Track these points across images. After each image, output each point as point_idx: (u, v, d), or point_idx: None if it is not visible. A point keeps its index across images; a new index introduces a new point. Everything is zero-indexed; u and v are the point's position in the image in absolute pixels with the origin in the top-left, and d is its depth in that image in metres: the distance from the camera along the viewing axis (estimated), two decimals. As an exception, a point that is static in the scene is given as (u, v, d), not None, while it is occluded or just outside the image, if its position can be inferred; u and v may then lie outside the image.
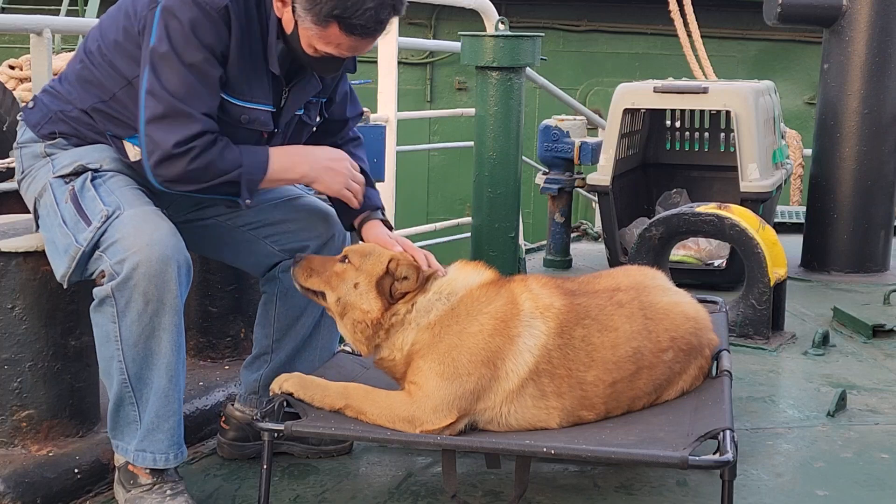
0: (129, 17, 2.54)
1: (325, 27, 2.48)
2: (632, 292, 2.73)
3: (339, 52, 2.56)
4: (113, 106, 2.59)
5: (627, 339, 2.64)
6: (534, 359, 2.54)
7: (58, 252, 2.50)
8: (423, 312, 2.58)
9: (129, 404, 2.48)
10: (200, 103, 2.47)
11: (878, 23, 5.37)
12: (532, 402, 2.53)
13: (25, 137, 2.66)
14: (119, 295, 2.40)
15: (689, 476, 2.80)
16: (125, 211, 2.46)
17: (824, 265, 5.54)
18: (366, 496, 2.72)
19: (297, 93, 2.71)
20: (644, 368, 2.64)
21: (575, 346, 2.59)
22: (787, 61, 11.99)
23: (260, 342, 2.92)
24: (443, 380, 2.49)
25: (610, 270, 2.97)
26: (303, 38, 2.54)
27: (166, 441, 2.50)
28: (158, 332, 2.43)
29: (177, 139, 2.43)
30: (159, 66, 2.44)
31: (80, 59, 2.64)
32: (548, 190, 5.73)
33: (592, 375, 2.58)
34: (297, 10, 2.49)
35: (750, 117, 5.04)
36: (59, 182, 2.55)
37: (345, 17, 2.45)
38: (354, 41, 2.52)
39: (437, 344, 2.53)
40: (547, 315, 2.59)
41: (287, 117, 2.72)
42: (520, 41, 3.72)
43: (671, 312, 2.74)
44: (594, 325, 2.62)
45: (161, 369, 2.46)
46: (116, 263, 2.39)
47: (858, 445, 3.11)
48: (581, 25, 12.45)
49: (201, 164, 2.45)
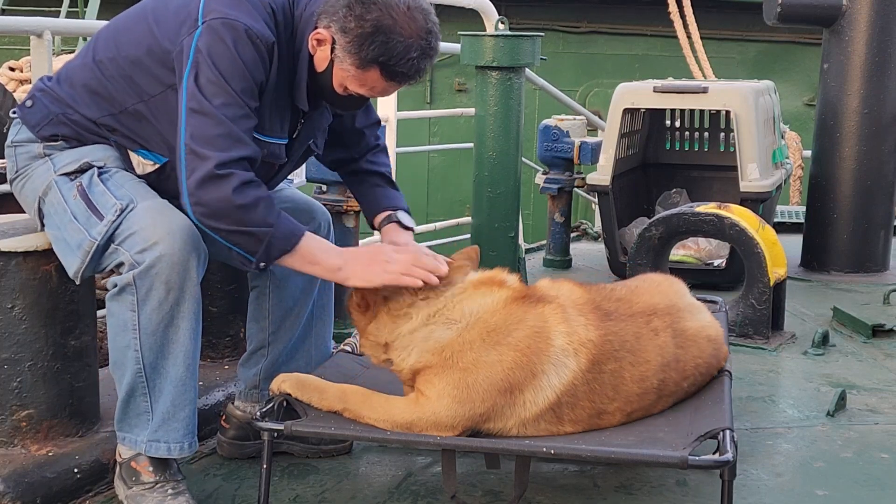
0: (156, 36, 2.50)
1: (366, 70, 2.48)
2: (667, 318, 2.64)
3: (370, 94, 2.57)
4: (122, 120, 2.57)
5: (656, 371, 2.57)
6: (556, 395, 2.46)
7: (69, 248, 2.49)
8: (420, 339, 2.50)
9: (142, 395, 2.48)
10: (246, 130, 2.44)
11: (878, 23, 5.37)
12: (546, 426, 2.48)
13: (21, 137, 2.63)
14: (141, 283, 2.39)
15: (689, 476, 2.80)
16: (139, 203, 2.46)
17: (824, 265, 5.54)
18: (365, 496, 2.72)
19: (311, 125, 2.72)
20: (664, 397, 2.62)
21: (603, 381, 2.50)
22: (786, 63, 11.99)
23: (256, 336, 2.91)
24: (454, 402, 2.43)
25: (643, 284, 2.81)
26: (335, 78, 2.53)
27: (182, 430, 2.50)
28: (177, 320, 2.43)
29: (222, 158, 2.36)
30: (207, 89, 2.39)
31: (88, 69, 2.59)
32: (547, 190, 5.73)
33: (614, 407, 2.53)
34: (337, 51, 2.48)
35: (750, 117, 5.04)
36: (64, 179, 2.54)
37: (389, 63, 2.46)
38: (391, 86, 2.54)
39: (451, 368, 2.45)
40: (580, 351, 2.48)
41: (299, 149, 2.73)
42: (520, 41, 3.72)
43: (698, 338, 2.70)
44: (628, 358, 2.54)
45: (178, 357, 2.46)
46: (138, 253, 2.39)
47: (858, 445, 3.11)
48: (581, 26, 12.46)
49: (243, 200, 2.37)
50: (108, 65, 2.56)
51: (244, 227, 2.40)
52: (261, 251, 2.42)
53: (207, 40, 2.41)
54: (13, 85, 7.02)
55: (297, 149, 2.72)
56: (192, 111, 2.39)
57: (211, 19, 2.43)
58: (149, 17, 2.55)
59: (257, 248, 2.42)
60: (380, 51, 2.44)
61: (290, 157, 2.72)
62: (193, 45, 2.41)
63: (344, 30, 2.46)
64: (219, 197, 2.37)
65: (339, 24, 2.47)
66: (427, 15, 2.50)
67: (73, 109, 2.59)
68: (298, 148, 2.73)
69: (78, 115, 2.59)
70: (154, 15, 2.54)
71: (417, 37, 2.47)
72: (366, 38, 2.44)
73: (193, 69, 2.41)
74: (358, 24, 2.44)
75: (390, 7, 2.45)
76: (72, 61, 2.69)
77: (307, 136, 2.74)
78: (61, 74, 2.65)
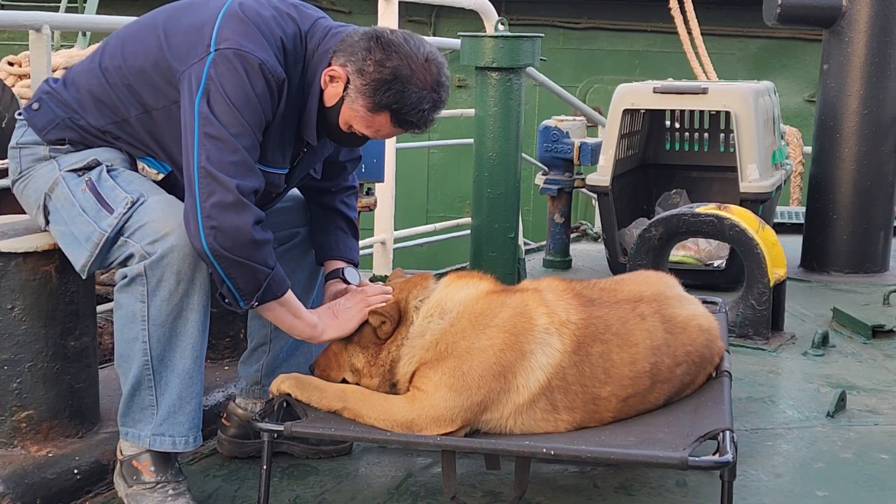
0: (164, 52, 2.49)
1: (376, 114, 2.50)
2: (654, 304, 2.67)
3: (374, 136, 2.59)
4: (125, 129, 2.57)
5: (646, 355, 2.59)
6: (546, 377, 2.49)
7: (77, 242, 2.49)
8: (416, 337, 2.55)
9: (147, 388, 2.47)
10: (254, 159, 2.45)
11: (878, 23, 5.36)
12: (542, 415, 2.50)
13: (27, 139, 2.62)
14: (151, 273, 2.40)
15: (689, 477, 2.80)
16: (149, 197, 2.46)
17: (824, 266, 5.54)
18: (365, 497, 2.72)
19: (313, 154, 2.73)
20: (659, 383, 2.62)
21: (592, 363, 2.53)
22: (787, 59, 11.98)
23: (256, 334, 2.92)
24: (451, 391, 2.46)
25: (630, 276, 2.88)
26: (343, 115, 2.54)
27: (187, 424, 2.50)
28: (186, 311, 2.44)
29: (242, 186, 2.37)
30: (222, 117, 2.38)
31: (94, 75, 2.58)
32: (547, 190, 5.73)
33: (607, 391, 2.54)
34: (350, 91, 2.50)
35: (749, 118, 5.04)
36: (71, 175, 2.54)
37: (402, 112, 2.49)
38: (396, 132, 2.58)
39: (446, 359, 2.49)
40: (563, 332, 2.52)
41: (298, 176, 2.74)
42: (519, 42, 3.72)
43: (689, 326, 2.71)
44: (615, 341, 2.56)
45: (186, 350, 2.46)
46: (149, 244, 2.40)
47: (858, 446, 3.11)
48: (581, 23, 12.44)
49: (258, 236, 2.39)
50: (113, 73, 2.56)
51: (250, 262, 2.40)
52: (259, 291, 2.44)
53: (220, 69, 2.40)
54: (12, 80, 7.00)
55: (296, 176, 2.74)
56: (207, 136, 2.38)
57: (225, 48, 2.41)
58: (159, 29, 2.53)
59: (255, 286, 2.44)
60: (394, 98, 2.47)
61: (289, 184, 2.73)
62: (206, 72, 2.40)
63: (361, 72, 2.47)
64: (237, 225, 2.37)
65: (356, 65, 2.47)
66: (441, 68, 2.54)
67: (79, 115, 2.58)
68: (298, 175, 2.74)
69: (84, 122, 2.58)
70: (165, 28, 2.53)
71: (431, 89, 2.50)
72: (382, 84, 2.46)
73: (205, 96, 2.39)
74: (377, 69, 2.46)
75: (410, 57, 2.47)
76: (79, 64, 2.67)
77: (308, 165, 2.75)
78: (67, 77, 2.64)
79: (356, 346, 2.61)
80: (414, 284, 2.65)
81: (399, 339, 2.57)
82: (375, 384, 2.59)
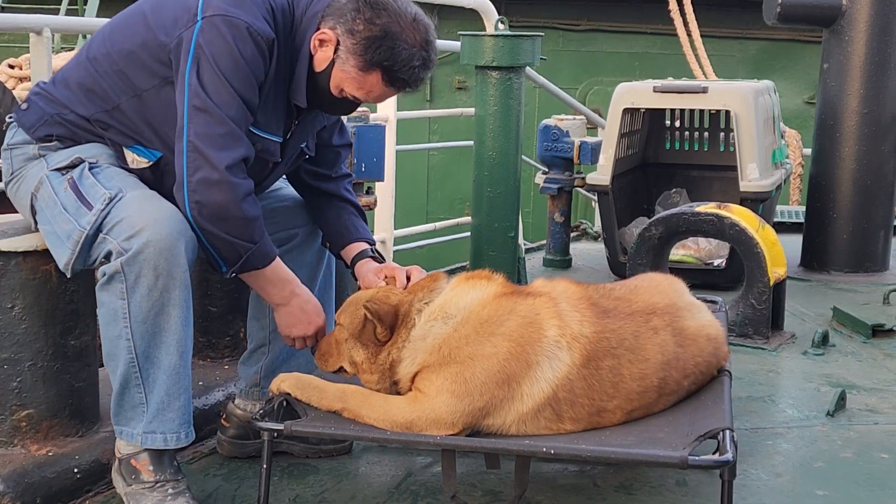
0: (152, 29, 2.51)
1: (368, 73, 2.52)
2: (666, 317, 2.64)
3: (365, 98, 2.60)
4: (115, 116, 2.57)
5: (656, 370, 2.57)
6: (552, 388, 2.46)
7: (59, 240, 2.49)
8: (418, 340, 2.52)
9: (136, 386, 2.47)
10: (244, 128, 2.48)
11: (878, 23, 5.37)
12: (545, 423, 2.49)
13: (17, 139, 2.63)
14: (129, 270, 2.39)
15: (689, 476, 2.80)
16: (127, 193, 2.46)
17: (824, 265, 5.54)
18: (365, 496, 2.72)
19: (305, 126, 2.73)
20: (665, 395, 2.62)
21: (602, 377, 2.50)
22: (786, 61, 11.98)
23: (256, 334, 2.92)
24: (453, 396, 2.44)
25: (642, 283, 2.81)
26: (333, 79, 2.56)
27: (177, 420, 2.49)
28: (168, 307, 2.43)
29: (228, 161, 2.41)
30: (209, 86, 2.41)
31: (82, 66, 2.60)
32: (547, 190, 5.73)
33: (614, 405, 2.53)
34: (340, 52, 2.51)
35: (749, 117, 5.04)
36: (55, 174, 2.54)
37: (393, 69, 2.50)
38: (388, 91, 2.58)
39: (449, 363, 2.47)
40: (574, 346, 2.48)
41: (292, 149, 2.74)
42: (519, 41, 3.72)
43: (698, 337, 2.70)
44: (626, 356, 2.53)
45: (171, 346, 2.45)
46: (125, 240, 2.39)
47: (858, 445, 3.11)
48: (581, 24, 12.44)
49: (244, 212, 2.43)
50: (102, 60, 2.57)
51: (231, 237, 2.45)
52: (239, 263, 2.49)
53: (208, 37, 2.42)
54: (12, 82, 7.01)
55: (290, 150, 2.74)
56: (195, 108, 2.42)
57: (211, 15, 2.44)
58: (145, 12, 2.56)
59: (236, 258, 2.49)
60: (385, 55, 2.48)
61: (284, 158, 2.72)
62: (193, 40, 2.43)
63: (351, 31, 2.48)
64: (220, 202, 2.41)
65: (346, 25, 2.49)
66: (428, 28, 2.56)
67: (68, 109, 2.60)
68: (292, 149, 2.74)
69: (73, 115, 2.59)
70: (151, 10, 2.55)
71: (420, 47, 2.52)
72: (373, 41, 2.48)
73: (195, 65, 2.42)
74: (367, 27, 2.48)
75: (399, 15, 2.49)
76: (68, 62, 2.69)
77: (300, 138, 2.75)
78: (57, 77, 2.66)
79: (357, 341, 2.60)
80: (421, 287, 2.63)
81: (399, 342, 2.55)
82: (375, 380, 2.58)
